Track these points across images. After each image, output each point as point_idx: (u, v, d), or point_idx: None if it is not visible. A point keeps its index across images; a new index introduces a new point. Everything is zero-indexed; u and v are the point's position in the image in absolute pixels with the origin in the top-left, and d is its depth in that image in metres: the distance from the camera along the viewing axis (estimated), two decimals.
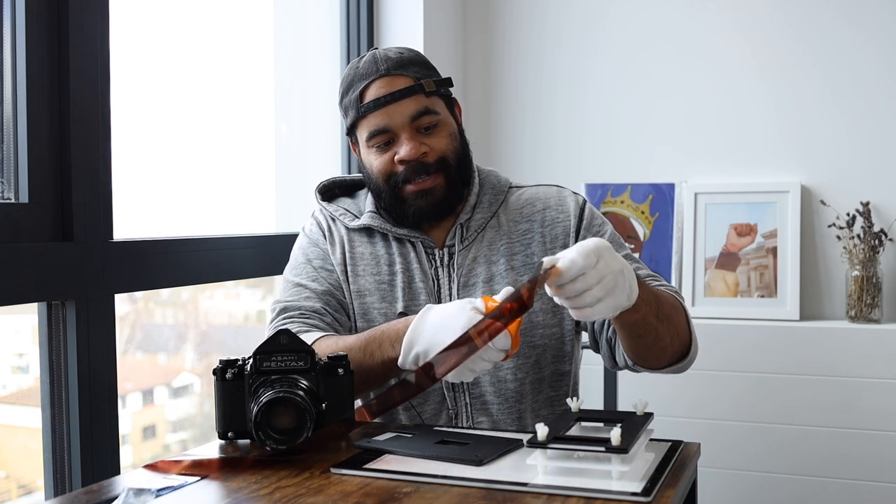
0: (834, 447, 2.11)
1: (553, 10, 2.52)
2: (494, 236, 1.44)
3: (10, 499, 1.54)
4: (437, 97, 1.40)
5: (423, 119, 1.37)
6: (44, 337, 1.35)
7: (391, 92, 1.36)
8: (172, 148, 1.81)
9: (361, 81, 1.38)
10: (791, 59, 2.31)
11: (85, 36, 1.37)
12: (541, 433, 0.99)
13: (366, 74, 1.38)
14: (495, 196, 1.46)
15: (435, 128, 1.39)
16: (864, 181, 2.25)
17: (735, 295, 2.30)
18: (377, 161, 1.40)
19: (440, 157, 1.39)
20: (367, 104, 1.37)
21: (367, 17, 2.37)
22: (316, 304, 1.40)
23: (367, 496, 0.97)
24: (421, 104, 1.37)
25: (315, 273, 1.44)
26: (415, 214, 1.40)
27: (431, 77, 1.40)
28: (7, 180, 1.31)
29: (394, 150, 1.38)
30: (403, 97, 1.36)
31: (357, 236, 1.46)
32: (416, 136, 1.37)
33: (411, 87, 1.37)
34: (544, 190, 1.50)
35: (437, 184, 1.39)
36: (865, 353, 2.09)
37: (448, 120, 1.42)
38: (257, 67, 2.12)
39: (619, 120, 2.46)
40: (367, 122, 1.38)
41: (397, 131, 1.37)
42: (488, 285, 1.41)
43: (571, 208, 1.46)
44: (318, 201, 1.51)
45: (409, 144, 1.36)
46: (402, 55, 1.40)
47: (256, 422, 1.11)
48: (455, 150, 1.41)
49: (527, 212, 1.46)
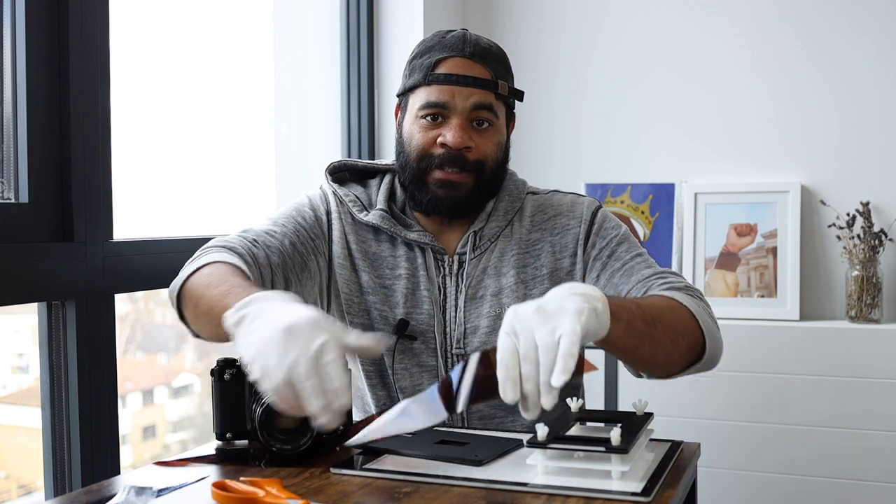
0: (834, 447, 2.11)
1: (553, 10, 2.52)
2: (506, 246, 1.40)
3: (10, 499, 1.54)
4: (502, 103, 1.38)
5: (482, 113, 1.35)
6: (44, 337, 1.35)
7: (467, 75, 1.33)
8: (172, 148, 1.81)
9: (442, 52, 1.35)
10: (791, 59, 2.31)
11: (85, 36, 1.37)
12: (541, 433, 0.99)
13: (449, 47, 1.35)
14: (511, 204, 1.43)
15: (488, 129, 1.36)
16: (864, 181, 2.25)
17: (735, 295, 2.30)
18: (419, 135, 1.36)
19: (480, 160, 1.35)
20: (437, 74, 1.33)
21: (367, 17, 2.37)
22: (262, 243, 1.31)
23: (367, 496, 0.97)
24: (487, 100, 1.34)
25: (288, 226, 1.37)
26: (430, 202, 1.37)
27: (508, 82, 1.38)
28: (7, 180, 1.31)
29: (440, 131, 1.34)
30: (476, 85, 1.34)
31: (362, 230, 1.42)
32: (467, 127, 1.34)
33: (487, 80, 1.34)
34: (559, 197, 1.46)
35: (465, 182, 1.35)
36: (865, 353, 2.09)
37: (502, 128, 1.39)
38: (257, 67, 2.12)
39: (618, 120, 2.46)
40: (429, 91, 1.34)
41: (452, 114, 1.34)
42: (496, 298, 1.37)
43: (583, 214, 1.42)
44: (329, 182, 1.45)
45: (458, 131, 1.33)
46: (490, 48, 1.38)
47: (260, 423, 1.11)
48: (496, 159, 1.38)
49: (538, 220, 1.43)
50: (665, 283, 1.31)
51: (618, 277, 1.36)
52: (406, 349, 1.38)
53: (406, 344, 1.38)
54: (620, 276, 1.36)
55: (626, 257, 1.38)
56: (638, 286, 1.33)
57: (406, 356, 1.38)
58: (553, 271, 1.40)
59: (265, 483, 0.96)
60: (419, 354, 1.38)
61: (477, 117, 1.35)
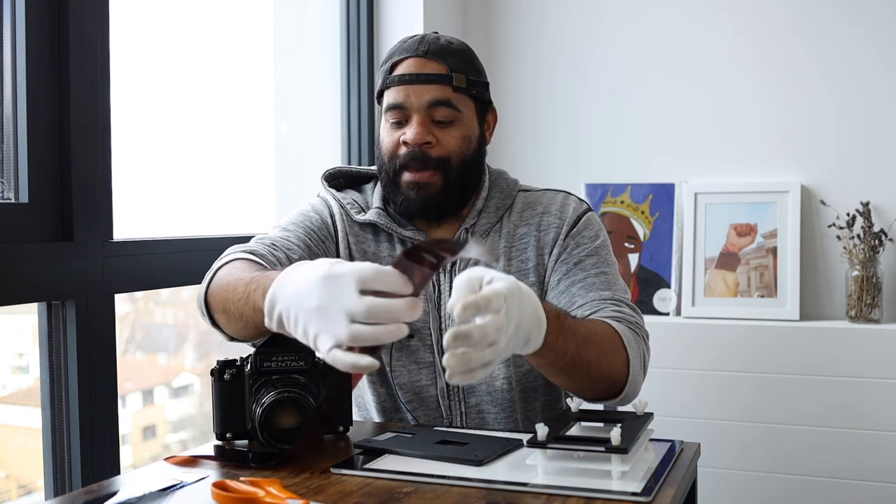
0: (834, 447, 2.11)
1: (553, 10, 2.52)
2: (496, 241, 1.42)
3: (10, 499, 1.54)
4: (465, 95, 1.38)
5: (440, 110, 1.35)
6: (44, 337, 1.35)
7: (418, 73, 1.35)
8: (172, 148, 1.81)
9: (400, 55, 1.38)
10: (791, 59, 2.31)
11: (85, 36, 1.37)
12: (541, 433, 0.99)
13: (406, 49, 1.38)
14: (503, 201, 1.44)
15: (451, 124, 1.37)
16: (864, 181, 2.25)
17: (735, 295, 2.30)
18: (387, 137, 1.39)
19: (443, 156, 1.36)
20: (393, 77, 1.37)
21: (367, 17, 2.37)
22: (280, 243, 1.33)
23: (367, 496, 0.97)
24: (444, 95, 1.35)
25: (300, 229, 1.39)
26: (402, 204, 1.38)
27: (468, 74, 1.38)
28: (7, 180, 1.31)
29: (403, 131, 1.37)
30: (429, 81, 1.35)
31: (361, 231, 1.43)
32: (426, 124, 1.35)
33: (439, 76, 1.35)
34: (550, 195, 1.47)
35: (433, 181, 1.36)
36: (865, 353, 2.09)
37: (469, 122, 1.39)
38: (257, 67, 2.12)
39: (618, 120, 2.46)
40: (389, 94, 1.37)
41: (411, 112, 1.35)
42: None
43: (569, 214, 1.42)
44: (326, 188, 1.47)
45: (416, 128, 1.34)
46: (449, 45, 1.39)
47: (261, 423, 1.11)
48: (462, 153, 1.38)
49: (527, 215, 1.43)
50: (616, 311, 1.30)
51: (576, 288, 1.36)
52: (403, 346, 1.39)
53: (403, 341, 1.38)
54: (579, 288, 1.35)
55: (591, 271, 1.37)
56: (591, 303, 1.32)
57: (404, 354, 1.39)
58: (536, 266, 1.40)
59: (265, 483, 0.96)
60: (416, 351, 1.39)
61: (434, 114, 1.35)
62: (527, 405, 1.41)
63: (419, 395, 1.39)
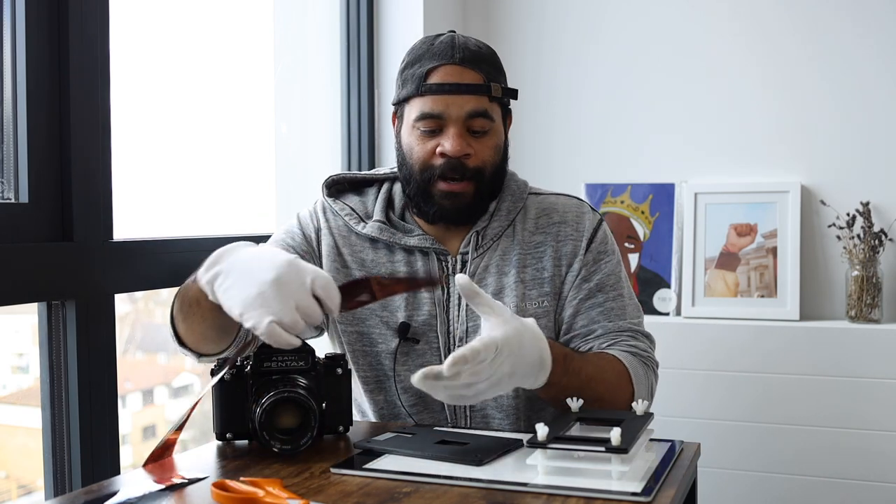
0: (834, 447, 2.11)
1: (553, 10, 2.52)
2: (508, 246, 1.41)
3: (10, 499, 1.54)
4: (497, 104, 1.37)
5: (478, 121, 1.34)
6: (44, 337, 1.35)
7: (459, 83, 1.32)
8: (172, 148, 1.81)
9: (432, 61, 1.34)
10: (791, 59, 2.31)
11: (85, 36, 1.37)
12: (541, 433, 0.99)
13: (439, 55, 1.34)
14: (514, 204, 1.43)
15: (486, 134, 1.36)
16: (864, 181, 2.25)
17: (735, 295, 2.30)
18: (418, 147, 1.36)
19: (479, 166, 1.35)
20: (429, 85, 1.33)
21: (367, 17, 2.37)
22: None
23: (367, 496, 0.97)
24: (482, 105, 1.34)
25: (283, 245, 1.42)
26: (436, 214, 1.37)
27: (501, 82, 1.37)
28: (7, 180, 1.31)
29: (438, 140, 1.34)
30: (469, 92, 1.33)
31: (358, 240, 1.42)
32: (464, 135, 1.34)
33: (479, 86, 1.33)
34: (563, 202, 1.46)
35: (467, 191, 1.35)
36: (865, 353, 2.09)
37: (499, 130, 1.39)
38: (257, 67, 2.12)
39: (618, 120, 2.46)
40: (423, 102, 1.33)
41: (449, 123, 1.33)
42: (498, 296, 1.37)
43: (586, 227, 1.43)
44: (325, 196, 1.47)
45: (456, 140, 1.32)
46: (480, 49, 1.37)
47: (261, 423, 1.11)
48: (494, 163, 1.38)
49: (542, 223, 1.43)
50: (631, 345, 1.37)
51: (595, 313, 1.40)
52: (409, 351, 1.38)
53: (409, 346, 1.38)
54: (598, 313, 1.40)
55: (610, 294, 1.41)
56: (609, 335, 1.38)
57: (409, 358, 1.39)
58: (553, 276, 1.41)
59: (265, 483, 0.96)
60: (422, 355, 1.38)
61: (472, 125, 1.34)
62: (533, 412, 1.40)
63: (424, 398, 1.38)
